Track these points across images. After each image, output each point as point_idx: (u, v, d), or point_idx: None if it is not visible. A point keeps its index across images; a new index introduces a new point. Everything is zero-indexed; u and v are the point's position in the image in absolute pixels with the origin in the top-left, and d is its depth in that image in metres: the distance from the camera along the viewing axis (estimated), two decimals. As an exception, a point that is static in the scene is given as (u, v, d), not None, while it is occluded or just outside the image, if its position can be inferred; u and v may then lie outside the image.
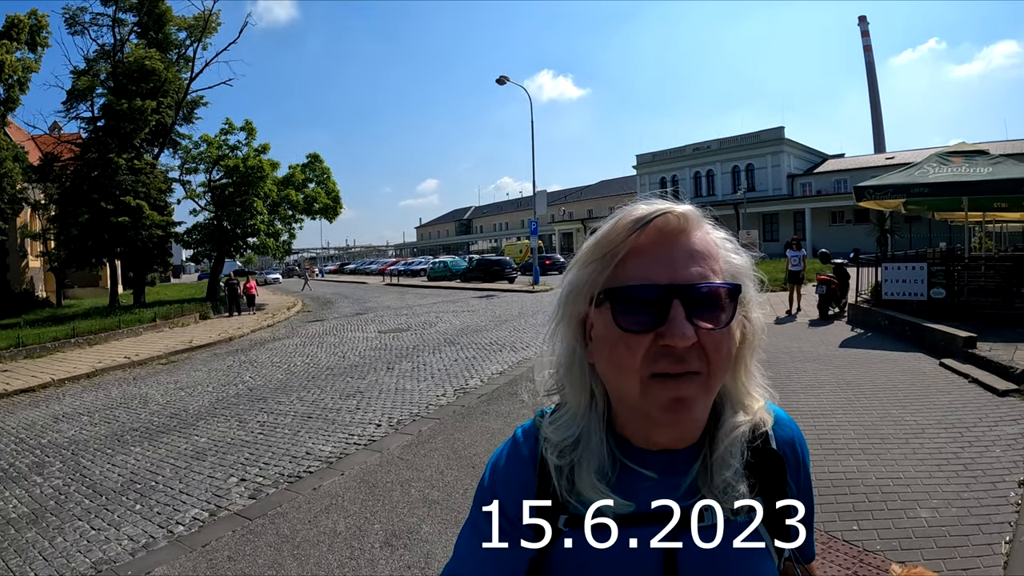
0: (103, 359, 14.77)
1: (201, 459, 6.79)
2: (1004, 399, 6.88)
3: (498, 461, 0.95)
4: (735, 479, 0.87)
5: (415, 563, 4.08)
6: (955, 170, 12.27)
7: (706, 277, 0.81)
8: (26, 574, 4.38)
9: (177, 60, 28.51)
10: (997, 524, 4.03)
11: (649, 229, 0.81)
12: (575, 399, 0.90)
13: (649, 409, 0.81)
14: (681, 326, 0.77)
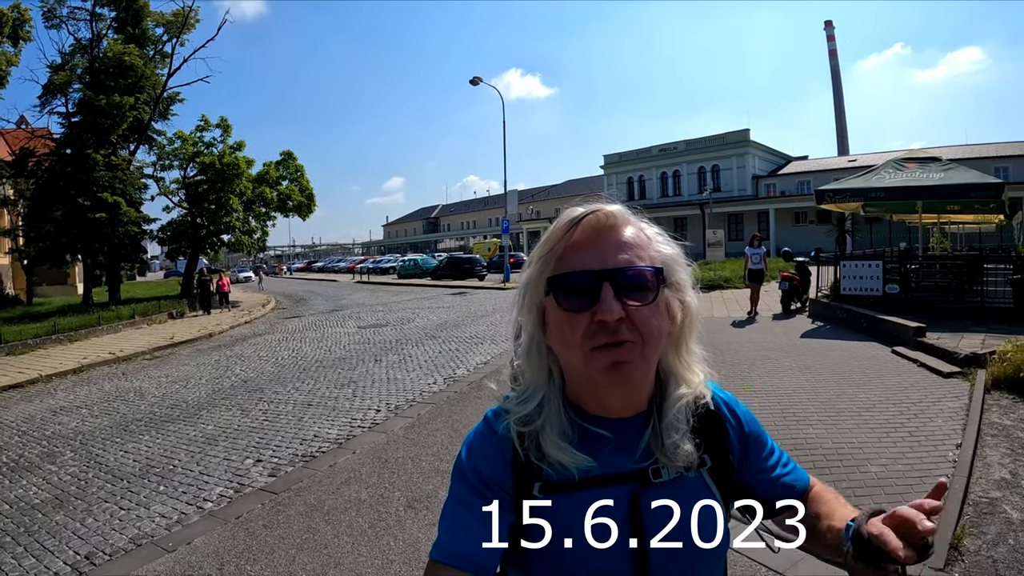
0: (88, 355, 14.93)
1: (213, 444, 7.21)
2: (948, 380, 7.66)
3: (472, 441, 1.06)
4: (682, 440, 1.00)
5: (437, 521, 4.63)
6: (909, 175, 13.17)
7: (632, 263, 0.94)
8: (64, 552, 4.70)
9: (154, 56, 28.29)
10: (935, 476, 4.74)
11: (582, 226, 0.97)
12: (534, 376, 1.03)
13: (593, 374, 0.94)
14: (610, 304, 0.90)
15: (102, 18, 27.13)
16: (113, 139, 25.56)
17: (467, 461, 1.02)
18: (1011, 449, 5.43)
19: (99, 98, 23.73)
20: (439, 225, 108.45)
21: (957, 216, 20.78)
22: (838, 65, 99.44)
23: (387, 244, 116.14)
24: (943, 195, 12.85)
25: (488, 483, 0.98)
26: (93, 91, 24.14)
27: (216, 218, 28.85)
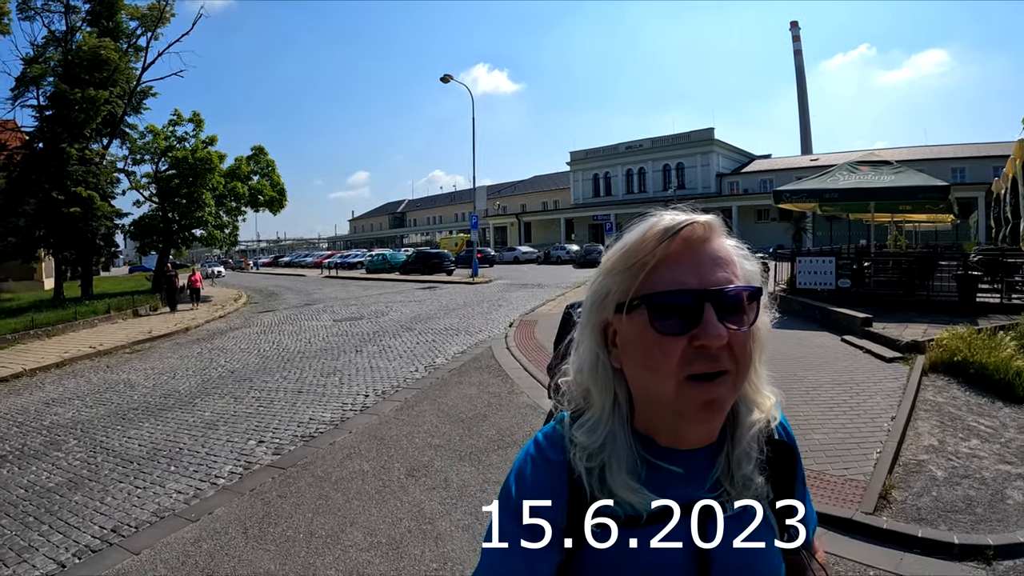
0: (68, 349, 15.06)
1: (214, 428, 7.66)
2: (890, 364, 8.45)
3: (523, 469, 0.96)
4: (753, 473, 0.94)
5: (437, 485, 5.30)
6: (862, 177, 14.08)
7: (730, 281, 0.87)
8: (89, 527, 5.10)
9: (128, 49, 28.10)
10: (871, 443, 5.52)
11: (677, 239, 0.86)
12: (599, 402, 0.94)
13: (683, 410, 0.86)
14: (716, 327, 0.82)
15: (76, 10, 26.94)
16: (87, 133, 25.43)
17: (516, 493, 0.94)
18: (941, 422, 6.19)
19: (74, 91, 23.61)
20: (405, 220, 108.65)
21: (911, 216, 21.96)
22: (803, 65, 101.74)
23: (353, 239, 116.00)
24: (894, 196, 13.80)
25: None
26: (69, 84, 23.97)
27: (188, 212, 28.85)
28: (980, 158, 45.94)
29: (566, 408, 1.00)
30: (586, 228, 63.56)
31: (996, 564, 3.84)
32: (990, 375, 7.37)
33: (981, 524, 4.24)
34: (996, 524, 4.24)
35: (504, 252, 55.05)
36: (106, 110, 25.41)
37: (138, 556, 4.47)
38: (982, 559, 3.88)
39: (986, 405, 6.78)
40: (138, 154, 29.47)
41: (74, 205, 23.52)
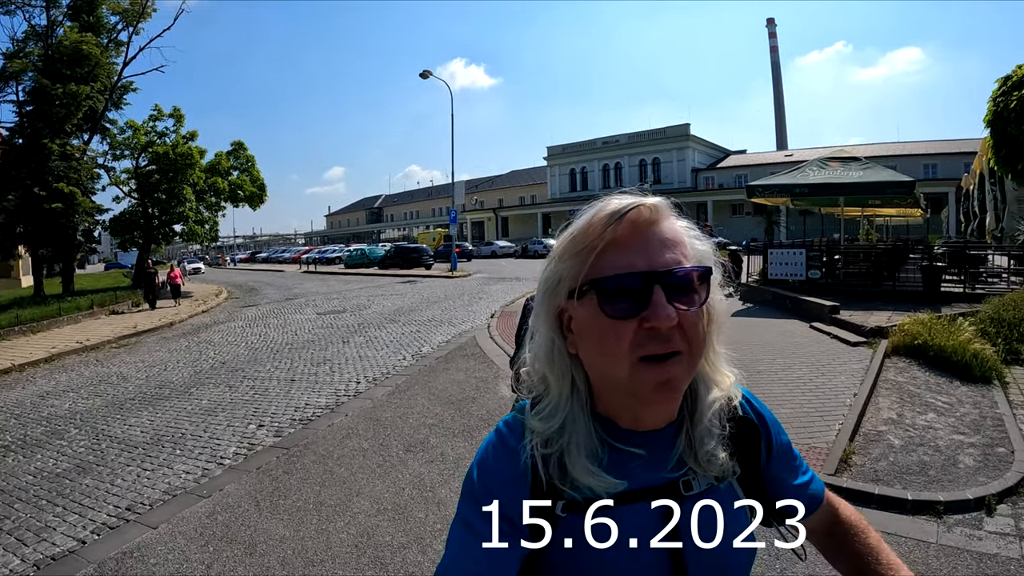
0: (55, 345, 15.16)
1: (213, 415, 7.95)
2: (855, 348, 8.95)
3: (485, 458, 0.96)
4: (716, 449, 0.95)
5: (434, 459, 5.73)
6: (831, 173, 14.63)
7: (679, 262, 0.87)
8: (104, 507, 5.36)
9: (108, 44, 27.92)
10: (834, 417, 6.01)
11: (624, 221, 0.86)
12: (557, 388, 0.94)
13: (638, 391, 0.86)
14: (665, 308, 0.83)
15: (57, 4, 26.75)
16: (68, 128, 25.31)
17: (479, 481, 0.94)
18: (900, 398, 6.66)
19: (55, 87, 23.51)
20: (382, 215, 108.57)
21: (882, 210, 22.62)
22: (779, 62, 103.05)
23: (330, 234, 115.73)
24: (862, 191, 14.35)
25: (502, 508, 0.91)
26: (51, 80, 23.86)
27: (168, 208, 28.81)
28: (951, 154, 47.01)
29: (526, 397, 1.00)
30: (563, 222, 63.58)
31: (946, 518, 4.30)
32: (948, 357, 7.86)
33: (933, 484, 4.70)
34: (947, 484, 4.70)
35: (481, 246, 55.23)
36: (87, 105, 25.32)
37: (156, 530, 4.77)
38: (933, 513, 4.33)
39: (944, 384, 7.27)
40: (118, 149, 29.35)
41: (56, 201, 23.44)
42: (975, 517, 4.33)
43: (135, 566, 4.23)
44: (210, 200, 31.11)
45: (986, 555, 3.88)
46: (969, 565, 3.79)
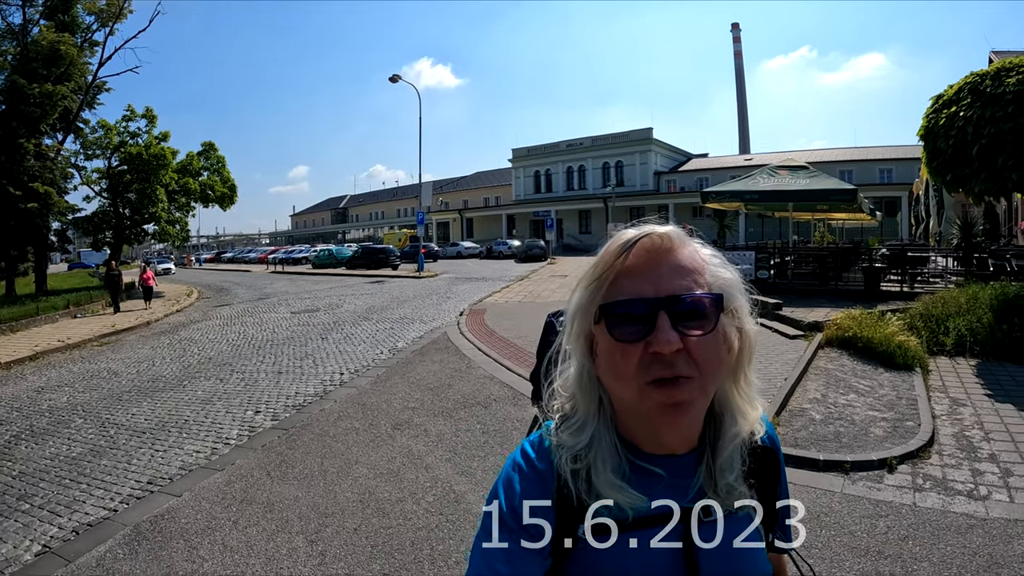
0: (38, 343, 15.42)
1: (210, 404, 8.61)
2: (792, 340, 9.99)
3: (511, 477, 0.98)
4: (736, 483, 0.96)
5: (419, 434, 6.63)
6: (780, 181, 15.78)
7: (690, 289, 0.89)
8: (126, 482, 5.99)
9: (83, 44, 27.97)
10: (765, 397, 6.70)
11: (636, 250, 0.91)
12: (585, 407, 0.97)
13: (647, 412, 0.89)
14: (666, 333, 0.85)
15: (33, 3, 26.81)
16: (43, 128, 25.45)
17: (506, 499, 0.96)
18: (826, 382, 7.63)
19: (32, 87, 23.63)
20: (347, 216, 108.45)
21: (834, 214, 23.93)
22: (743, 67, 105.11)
23: (295, 234, 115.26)
24: (808, 198, 15.54)
25: (527, 527, 0.93)
26: (27, 79, 23.94)
27: (140, 208, 29.01)
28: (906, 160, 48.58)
29: (553, 415, 1.01)
30: (527, 224, 64.89)
31: (852, 474, 5.23)
32: (875, 348, 8.87)
33: (844, 448, 5.65)
34: (856, 449, 5.66)
35: (447, 247, 55.76)
36: (63, 105, 25.46)
37: (180, 497, 5.48)
38: (840, 470, 5.27)
39: (869, 371, 8.26)
40: (90, 149, 29.47)
41: (31, 201, 23.61)
42: (877, 474, 5.26)
43: (168, 525, 4.94)
44: (181, 201, 31.37)
45: (882, 502, 4.80)
46: (866, 508, 4.70)
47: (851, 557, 4.03)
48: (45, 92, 24.05)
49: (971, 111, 10.02)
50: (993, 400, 7.20)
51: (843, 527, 4.42)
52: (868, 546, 4.15)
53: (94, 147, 29.66)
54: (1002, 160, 9.53)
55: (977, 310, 9.90)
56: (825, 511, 4.63)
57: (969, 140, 9.93)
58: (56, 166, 25.97)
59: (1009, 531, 4.29)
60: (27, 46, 25.41)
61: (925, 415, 6.52)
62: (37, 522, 5.25)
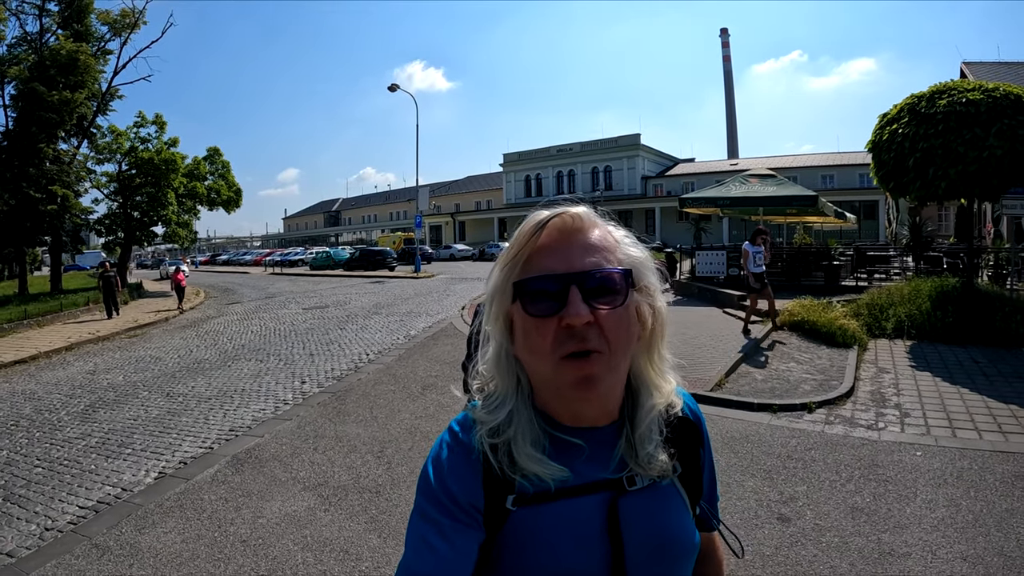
0: (70, 335, 16.57)
1: (259, 378, 10.13)
2: (752, 325, 11.56)
3: (439, 454, 1.01)
4: (656, 451, 1.01)
5: (445, 392, 8.28)
6: (750, 188, 17.53)
7: (600, 265, 0.94)
8: (211, 430, 7.42)
9: (96, 53, 29.02)
10: (720, 364, 8.64)
11: (548, 229, 0.96)
12: (503, 386, 1.01)
13: (560, 386, 0.94)
14: (577, 307, 0.89)
15: (49, 12, 27.84)
16: (60, 134, 26.59)
17: (434, 476, 0.98)
18: (773, 355, 9.31)
19: (51, 94, 24.72)
20: (340, 219, 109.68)
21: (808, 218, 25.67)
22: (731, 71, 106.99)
23: (287, 237, 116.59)
24: (774, 204, 17.32)
25: (457, 500, 0.96)
26: (46, 86, 24.93)
27: (150, 210, 30.42)
28: (885, 165, 50.54)
29: (476, 397, 1.06)
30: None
31: (779, 414, 6.89)
32: (819, 329, 10.54)
33: (775, 396, 7.35)
34: (784, 396, 7.36)
35: (440, 250, 57.21)
36: (79, 112, 26.65)
37: (263, 438, 7.01)
38: (769, 410, 6.95)
39: (812, 348, 9.94)
40: (101, 153, 30.64)
41: (50, 203, 24.81)
42: (798, 414, 6.94)
43: (261, 453, 6.48)
44: (189, 204, 32.77)
45: (798, 429, 6.46)
46: (785, 433, 6.36)
47: (767, 458, 5.68)
48: (63, 99, 25.16)
49: (908, 128, 11.62)
50: (915, 370, 8.81)
51: (764, 442, 6.08)
52: (780, 452, 5.81)
53: (105, 151, 30.84)
54: (932, 171, 11.10)
55: (917, 300, 11.54)
56: (752, 433, 6.29)
57: (906, 154, 11.53)
58: (72, 170, 27.14)
59: (892, 448, 5.93)
60: (44, 54, 26.40)
61: (849, 376, 8.18)
62: (144, 459, 6.66)
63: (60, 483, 6.09)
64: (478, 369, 1.07)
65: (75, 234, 28.80)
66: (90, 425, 8.01)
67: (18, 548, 4.78)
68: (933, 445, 5.94)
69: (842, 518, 4.51)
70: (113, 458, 6.74)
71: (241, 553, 4.38)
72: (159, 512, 5.19)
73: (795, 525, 4.43)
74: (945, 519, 4.46)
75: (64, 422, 8.22)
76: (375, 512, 4.96)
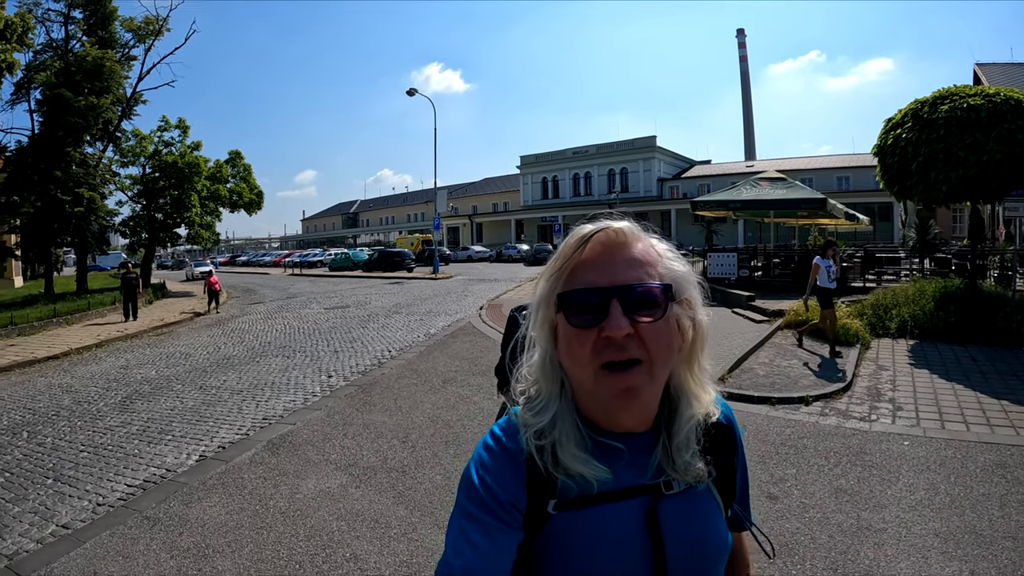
0: (100, 333, 17.12)
1: (288, 372, 10.67)
2: (758, 324, 12.10)
3: (482, 456, 1.05)
4: (693, 459, 1.04)
5: (464, 385, 8.78)
6: (760, 191, 17.92)
7: (642, 280, 0.97)
8: (246, 419, 7.96)
9: (121, 59, 29.63)
10: (724, 360, 9.04)
11: (592, 243, 1.00)
12: (548, 390, 1.05)
13: (602, 396, 0.98)
14: (617, 320, 0.93)
15: (75, 20, 28.63)
16: (86, 138, 27.32)
17: (477, 477, 1.02)
18: (776, 352, 9.76)
19: (78, 99, 25.37)
20: (358, 220, 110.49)
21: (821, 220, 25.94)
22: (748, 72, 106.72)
23: (305, 239, 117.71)
24: (783, 206, 17.69)
25: (500, 501, 0.99)
26: (73, 91, 25.55)
27: (174, 213, 31.17)
28: (899, 166, 50.47)
29: (519, 401, 1.09)
30: (535, 229, 66.96)
31: (777, 406, 7.32)
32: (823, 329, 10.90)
33: (774, 390, 7.76)
34: (783, 390, 7.75)
35: (458, 251, 57.49)
36: (105, 117, 27.35)
37: (295, 425, 7.53)
38: (768, 403, 7.37)
39: (815, 346, 10.34)
40: (125, 157, 31.39)
41: (78, 205, 25.51)
42: (795, 406, 7.37)
43: (295, 439, 7.00)
44: (211, 206, 33.54)
45: (794, 420, 6.89)
46: (781, 423, 6.80)
47: (761, 445, 6.13)
48: (89, 104, 25.81)
49: (911, 133, 11.95)
50: (913, 367, 9.19)
51: (760, 431, 6.53)
52: (774, 440, 6.26)
53: (129, 155, 31.59)
54: (934, 175, 11.44)
55: (921, 300, 11.88)
56: (750, 423, 6.73)
57: (909, 158, 11.88)
58: (98, 173, 27.85)
59: (881, 437, 6.34)
60: (69, 60, 27.10)
61: (848, 373, 8.58)
62: (184, 444, 7.18)
63: (106, 465, 6.60)
64: (522, 373, 1.10)
65: (101, 235, 29.29)
66: (129, 415, 8.53)
67: (73, 521, 5.28)
68: (921, 436, 6.35)
69: (826, 497, 4.95)
70: (155, 443, 7.25)
71: (281, 523, 4.89)
72: (203, 489, 5.70)
73: (782, 503, 4.88)
74: (923, 500, 4.87)
75: (103, 412, 8.74)
76: (402, 488, 5.47)
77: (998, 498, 4.87)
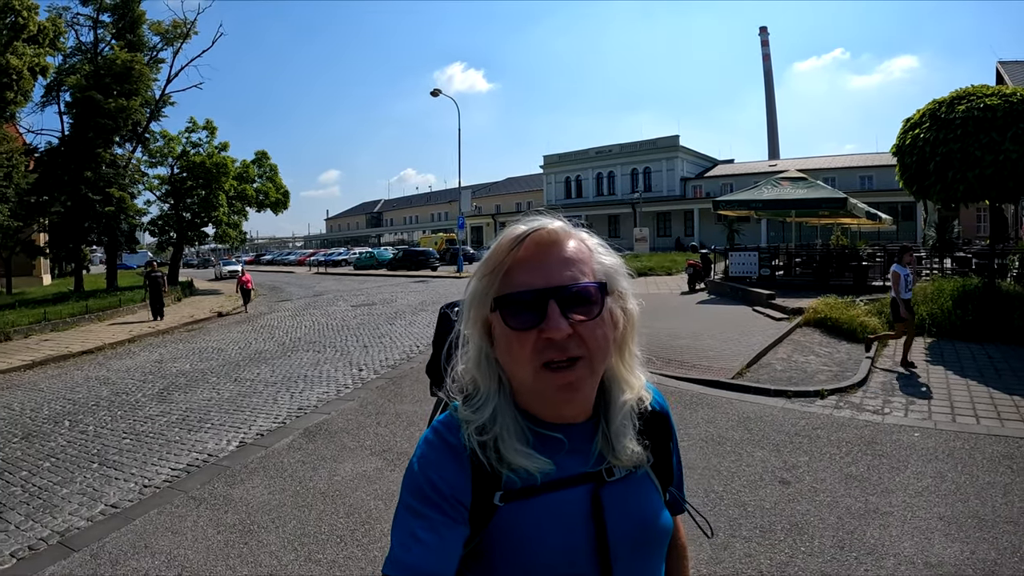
0: (132, 329, 17.54)
1: (319, 366, 11.06)
2: (778, 323, 12.30)
3: (425, 452, 1.05)
4: (630, 443, 1.08)
5: None
6: (781, 191, 18.10)
7: (576, 279, 0.99)
8: (281, 411, 8.29)
9: (149, 62, 30.20)
10: (743, 356, 9.31)
11: (526, 243, 1.01)
12: (485, 386, 1.06)
13: (543, 392, 1.00)
14: (557, 321, 0.95)
15: (103, 24, 29.30)
16: (116, 139, 28.08)
17: (421, 472, 1.02)
18: (794, 349, 9.98)
19: (108, 102, 26.00)
20: (382, 220, 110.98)
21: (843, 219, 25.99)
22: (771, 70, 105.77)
23: (329, 238, 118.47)
24: (804, 206, 17.86)
25: (445, 496, 0.99)
26: (103, 94, 26.20)
27: (201, 212, 31.92)
28: (923, 165, 50.04)
29: (456, 397, 1.10)
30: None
31: (793, 399, 7.57)
32: (841, 326, 11.14)
33: (791, 384, 8.02)
34: (800, 384, 8.01)
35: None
36: (134, 119, 28.02)
37: (329, 415, 7.90)
38: (784, 396, 7.63)
39: (832, 343, 10.56)
40: (154, 157, 32.15)
41: (108, 205, 26.17)
42: (811, 400, 7.61)
43: (330, 427, 7.37)
44: (238, 206, 34.19)
45: (808, 412, 7.13)
46: (796, 415, 7.04)
47: (776, 435, 6.41)
48: (119, 106, 26.48)
49: (929, 133, 12.10)
50: (929, 364, 9.36)
51: (776, 422, 6.80)
52: (789, 430, 6.52)
53: (157, 155, 32.35)
54: (951, 175, 11.59)
55: (940, 299, 12.03)
56: (766, 415, 6.99)
57: (927, 158, 12.04)
58: (127, 173, 28.59)
59: (893, 429, 6.57)
60: (99, 63, 27.73)
61: (863, 368, 8.80)
62: (224, 432, 7.54)
63: (150, 451, 6.99)
64: (457, 371, 1.11)
65: (130, 234, 29.95)
66: (168, 405, 8.94)
67: (121, 501, 5.65)
68: (932, 428, 6.57)
69: (836, 483, 5.22)
70: (195, 431, 7.64)
71: (321, 502, 5.24)
72: (245, 472, 6.07)
73: (794, 487, 5.16)
74: (929, 487, 5.12)
75: (142, 403, 9.14)
76: (435, 472, 5.80)
77: (1003, 486, 5.08)
